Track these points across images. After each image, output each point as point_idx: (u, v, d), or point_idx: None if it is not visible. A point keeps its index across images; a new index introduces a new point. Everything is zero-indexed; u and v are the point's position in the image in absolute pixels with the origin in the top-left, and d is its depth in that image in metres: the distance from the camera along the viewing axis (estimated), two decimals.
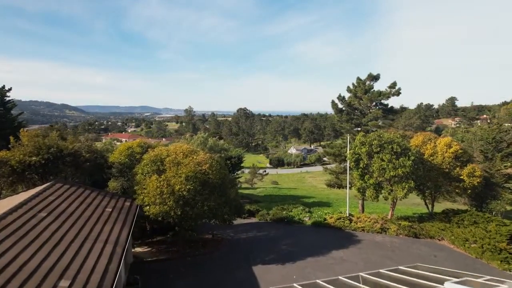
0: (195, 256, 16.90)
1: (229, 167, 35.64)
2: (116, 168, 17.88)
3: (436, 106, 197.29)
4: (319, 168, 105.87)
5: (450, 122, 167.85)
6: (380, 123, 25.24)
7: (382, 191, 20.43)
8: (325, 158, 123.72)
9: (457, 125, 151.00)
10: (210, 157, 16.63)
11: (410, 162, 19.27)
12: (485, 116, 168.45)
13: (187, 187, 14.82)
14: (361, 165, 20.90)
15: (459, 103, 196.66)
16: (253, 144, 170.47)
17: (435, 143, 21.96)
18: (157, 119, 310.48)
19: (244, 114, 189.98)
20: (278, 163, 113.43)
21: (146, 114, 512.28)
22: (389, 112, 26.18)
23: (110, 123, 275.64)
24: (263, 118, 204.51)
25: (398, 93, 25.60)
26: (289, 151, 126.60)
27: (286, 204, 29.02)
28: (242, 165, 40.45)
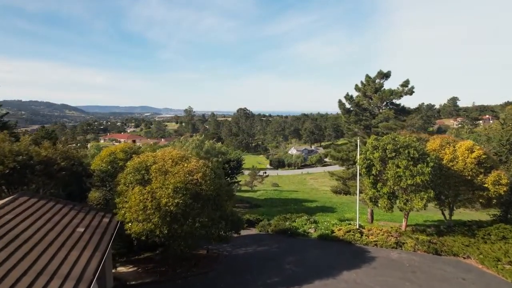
0: (186, 278, 14.74)
1: (228, 171, 33.53)
2: (97, 177, 15.71)
3: (437, 106, 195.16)
4: (320, 169, 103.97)
5: (452, 123, 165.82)
6: (391, 125, 23.05)
7: (397, 201, 18.29)
8: (326, 159, 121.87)
9: (459, 125, 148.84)
10: (203, 165, 14.46)
11: (429, 169, 17.15)
12: (487, 116, 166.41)
13: (176, 200, 12.67)
14: (373, 172, 18.77)
15: (460, 103, 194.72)
16: (253, 144, 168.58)
17: (454, 147, 19.81)
18: (157, 119, 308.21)
19: (244, 114, 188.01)
20: (279, 164, 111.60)
21: (146, 114, 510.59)
22: (401, 112, 24.01)
23: (109, 123, 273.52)
24: (263, 118, 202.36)
25: (411, 91, 23.45)
26: (289, 152, 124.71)
27: (288, 213, 26.88)
28: (241, 168, 38.28)
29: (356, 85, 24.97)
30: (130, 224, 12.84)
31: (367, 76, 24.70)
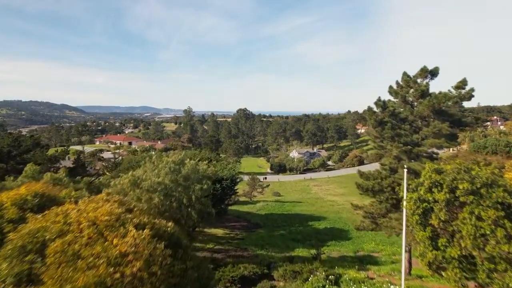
0: None
1: (219, 192, 26.90)
2: None
3: None
4: (323, 174, 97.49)
5: None
6: (443, 143, 16.41)
7: (477, 273, 11.58)
8: (329, 162, 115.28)
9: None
10: (152, 238, 7.77)
11: None
12: (495, 117, 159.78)
13: None
14: (433, 221, 12.07)
15: (465, 104, 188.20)
16: (253, 146, 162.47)
17: None
18: (156, 120, 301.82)
19: (244, 115, 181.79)
20: (280, 168, 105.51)
21: (146, 114, 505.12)
22: (456, 125, 17.26)
23: (107, 124, 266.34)
24: (264, 119, 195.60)
25: (469, 96, 16.79)
26: (290, 155, 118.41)
27: (296, 253, 20.31)
28: (236, 188, 31.61)
29: (391, 87, 18.24)
30: None
31: (405, 74, 17.98)
